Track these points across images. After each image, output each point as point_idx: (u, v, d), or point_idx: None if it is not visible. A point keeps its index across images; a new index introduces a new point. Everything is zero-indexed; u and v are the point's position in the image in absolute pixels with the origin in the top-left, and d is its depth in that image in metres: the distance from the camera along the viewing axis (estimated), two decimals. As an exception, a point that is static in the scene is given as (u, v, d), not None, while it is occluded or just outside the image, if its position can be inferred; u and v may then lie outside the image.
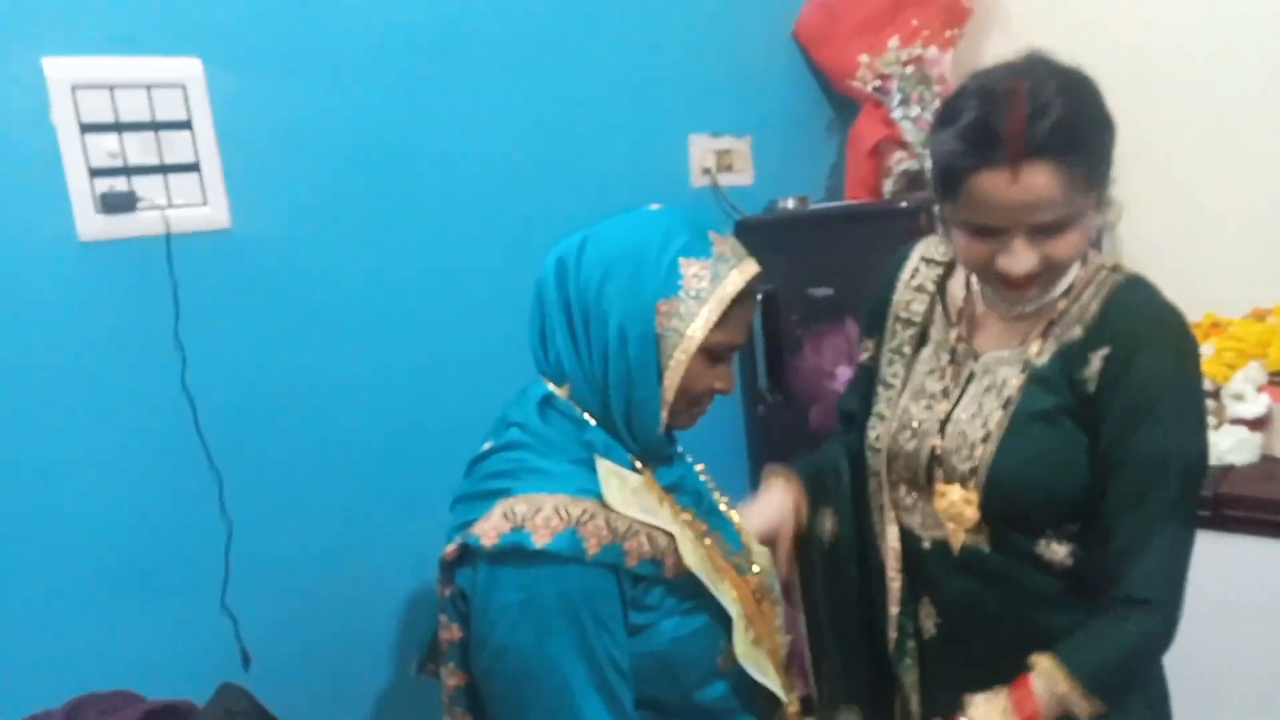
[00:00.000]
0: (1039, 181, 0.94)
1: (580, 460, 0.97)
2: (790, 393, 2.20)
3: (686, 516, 1.03)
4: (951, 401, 1.15)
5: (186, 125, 1.45)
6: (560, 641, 0.90)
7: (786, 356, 2.19)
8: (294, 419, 1.59)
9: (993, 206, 0.97)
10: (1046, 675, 0.98)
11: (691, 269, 0.97)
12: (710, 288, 0.97)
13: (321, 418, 1.62)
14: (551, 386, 1.02)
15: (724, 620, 0.99)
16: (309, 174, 1.59)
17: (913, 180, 2.17)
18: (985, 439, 1.10)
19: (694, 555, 0.96)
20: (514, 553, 0.90)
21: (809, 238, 2.16)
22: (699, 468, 1.17)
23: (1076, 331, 1.08)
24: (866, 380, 1.28)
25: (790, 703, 1.08)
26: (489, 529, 0.91)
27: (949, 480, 1.13)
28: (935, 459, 1.14)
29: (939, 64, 2.12)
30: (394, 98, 1.69)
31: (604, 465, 0.96)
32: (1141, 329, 1.04)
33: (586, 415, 1.01)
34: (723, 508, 1.14)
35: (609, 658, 0.92)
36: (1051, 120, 0.94)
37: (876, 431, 1.21)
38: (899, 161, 2.18)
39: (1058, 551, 1.08)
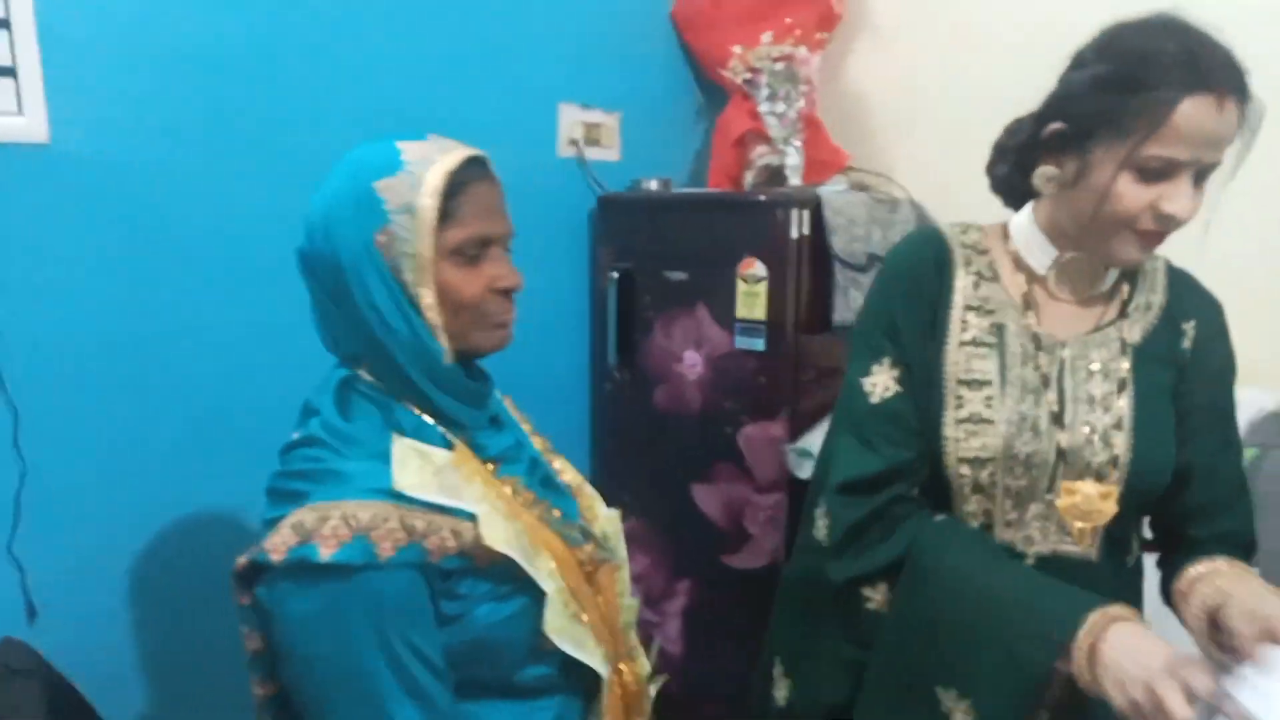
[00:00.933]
0: (1233, 116, 0.95)
1: (381, 454, 0.92)
2: (639, 372, 2.22)
3: (508, 489, 1.00)
4: (1057, 392, 1.08)
5: (3, 24, 1.30)
6: (361, 648, 0.88)
7: (637, 336, 2.21)
8: (108, 359, 1.47)
9: (1193, 135, 0.94)
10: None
11: (388, 187, 0.92)
12: (414, 196, 0.91)
13: (140, 360, 1.51)
14: (353, 368, 0.98)
15: (542, 601, 0.96)
16: (145, 87, 1.46)
17: (773, 174, 2.23)
18: (1118, 426, 1.07)
19: (504, 534, 0.93)
20: (302, 567, 0.86)
21: (669, 221, 2.18)
22: (537, 441, 1.13)
23: (1155, 307, 1.12)
24: (914, 399, 1.11)
25: (628, 672, 1.07)
26: (278, 543, 0.87)
27: (1079, 477, 1.07)
28: (1063, 455, 1.07)
29: (808, 64, 2.18)
30: (251, 13, 1.58)
31: (401, 446, 0.92)
32: (1208, 299, 1.15)
33: (391, 394, 0.97)
34: (566, 478, 1.12)
35: (418, 656, 0.89)
36: (1239, 64, 0.96)
37: (981, 439, 1.07)
38: (761, 155, 2.23)
39: (1134, 547, 1.14)
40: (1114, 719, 0.89)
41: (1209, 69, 0.93)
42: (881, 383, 1.12)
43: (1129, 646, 0.89)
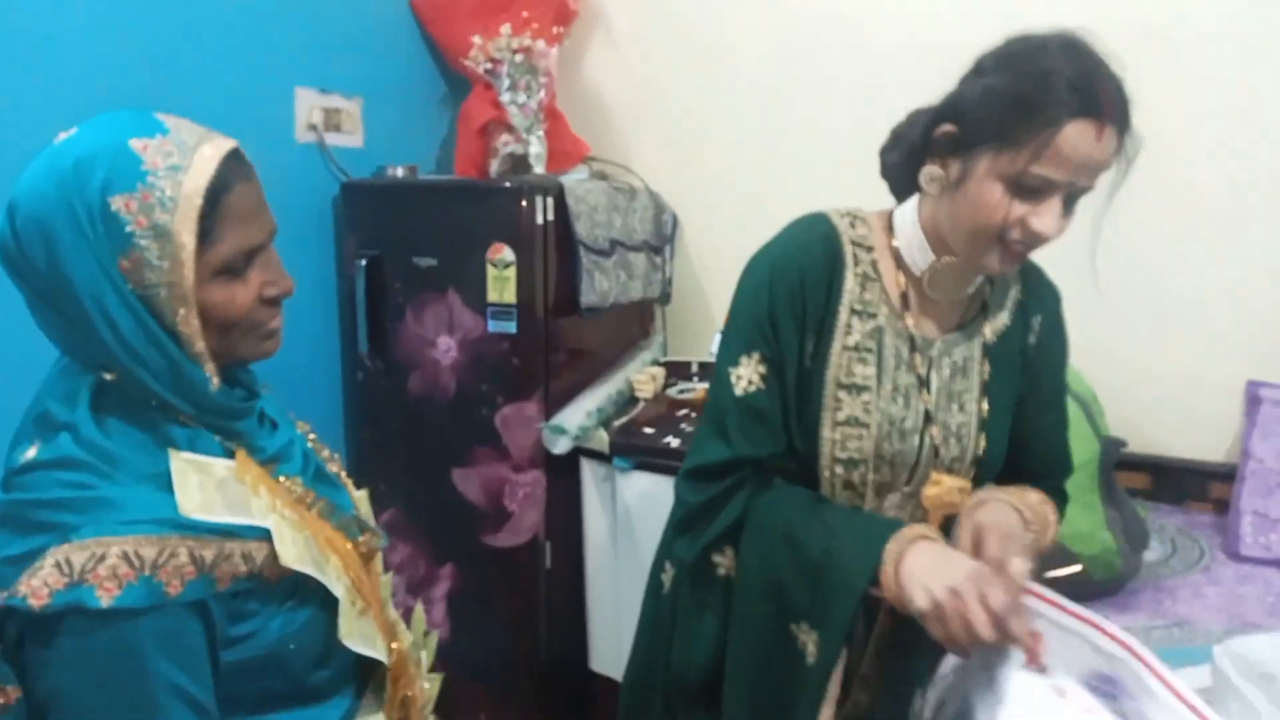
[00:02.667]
0: (1110, 146, 0.97)
1: (155, 475, 0.82)
2: (391, 360, 2.22)
3: (290, 486, 0.94)
4: (930, 393, 1.14)
5: None
6: (123, 690, 0.78)
7: (388, 324, 2.20)
8: None
9: (1070, 158, 0.96)
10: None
11: (130, 205, 0.77)
12: (166, 216, 0.78)
13: None
14: (96, 373, 0.84)
15: (331, 604, 0.91)
16: None
17: (518, 163, 2.30)
18: (980, 425, 1.15)
19: (294, 548, 0.86)
20: (74, 613, 0.75)
21: (416, 208, 2.18)
22: (304, 427, 1.07)
23: (1009, 305, 1.19)
24: (781, 396, 1.13)
25: (397, 650, 1.04)
26: (39, 586, 0.75)
27: (944, 470, 1.14)
28: (934, 453, 1.14)
29: (546, 56, 2.26)
30: None
31: (179, 463, 0.83)
32: (1052, 291, 1.23)
33: (153, 403, 0.84)
34: (332, 468, 1.06)
35: (182, 694, 0.80)
36: (1127, 96, 0.98)
37: (859, 442, 1.11)
38: (505, 144, 2.29)
39: None
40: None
41: (1097, 97, 0.95)
42: (747, 375, 1.12)
43: (932, 557, 0.98)
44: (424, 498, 2.24)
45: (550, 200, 2.07)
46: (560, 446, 2.08)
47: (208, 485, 0.84)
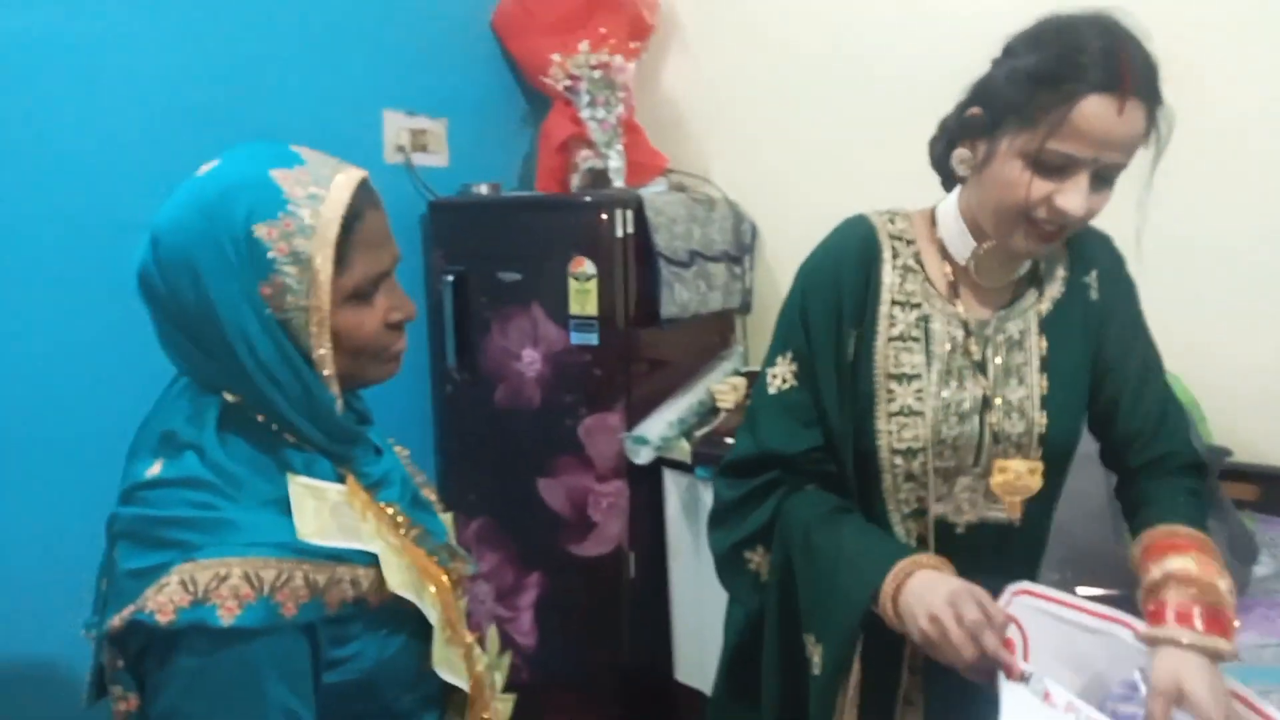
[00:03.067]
0: (1136, 119, 0.95)
1: (274, 500, 0.85)
2: (478, 372, 2.27)
3: (391, 512, 0.96)
4: (986, 375, 1.12)
5: None
6: (238, 711, 0.81)
7: (475, 337, 2.26)
8: None
9: (1091, 133, 0.94)
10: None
11: (272, 232, 0.81)
12: (305, 242, 0.82)
13: None
14: (226, 396, 0.87)
15: (425, 631, 0.93)
16: None
17: (597, 177, 2.33)
18: (1034, 399, 1.11)
19: (398, 574, 0.88)
20: (197, 631, 0.78)
21: (501, 224, 2.24)
22: (403, 452, 1.09)
23: (1060, 272, 1.15)
24: (814, 392, 1.14)
25: (474, 679, 1.05)
26: (165, 603, 0.77)
27: (1005, 454, 1.11)
28: (994, 434, 1.11)
29: (624, 72, 2.29)
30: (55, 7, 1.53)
31: (296, 487, 0.85)
32: (1099, 238, 1.18)
33: (274, 426, 0.87)
34: (427, 494, 1.08)
35: (291, 716, 0.83)
36: (1155, 70, 0.97)
37: (913, 430, 1.11)
38: (585, 159, 2.32)
39: (1051, 507, 1.18)
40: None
41: (1118, 70, 0.93)
42: (781, 374, 1.15)
43: (925, 585, 0.97)
44: (511, 507, 2.28)
45: (629, 213, 2.10)
46: (642, 457, 2.10)
47: (322, 510, 0.86)
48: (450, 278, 2.24)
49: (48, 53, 1.55)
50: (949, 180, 1.17)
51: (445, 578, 1.01)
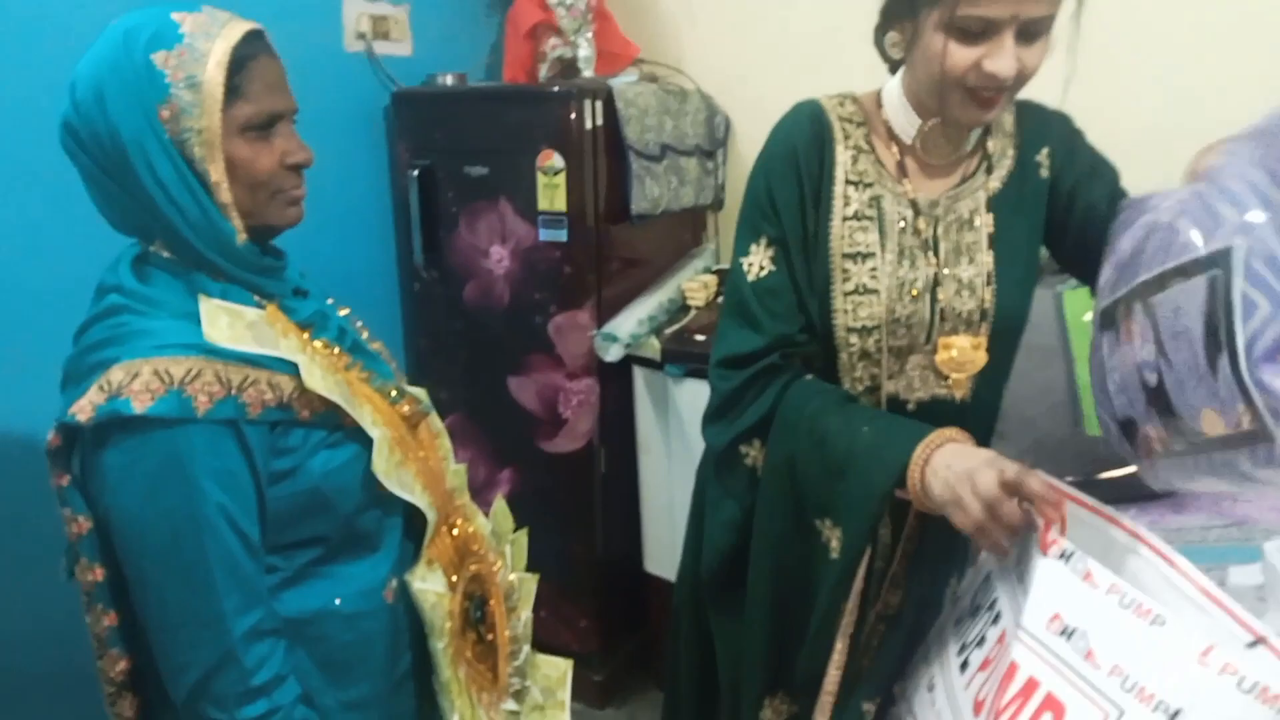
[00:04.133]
0: None
1: (187, 313, 0.91)
2: (446, 269, 2.24)
3: (322, 347, 1.01)
4: (935, 254, 1.14)
5: None
6: (170, 503, 0.87)
7: (442, 233, 2.22)
8: None
9: None
10: None
11: (169, 60, 0.89)
12: (198, 68, 0.89)
13: None
14: (147, 246, 0.96)
15: (370, 446, 0.98)
16: None
17: (566, 67, 2.26)
18: (983, 277, 1.13)
19: (323, 381, 0.94)
20: (114, 423, 0.85)
21: (467, 116, 2.17)
22: (343, 311, 1.13)
23: (1010, 150, 1.16)
24: (791, 273, 1.15)
25: (460, 528, 1.12)
26: (85, 404, 0.85)
27: (954, 331, 1.14)
28: (945, 307, 1.13)
29: (594, -45, 2.20)
30: None
31: (208, 304, 0.91)
32: (1055, 118, 1.19)
33: (189, 264, 0.94)
34: (374, 347, 1.13)
35: (225, 514, 0.89)
36: None
37: (869, 308, 1.13)
38: (553, 47, 2.25)
39: (1001, 386, 1.20)
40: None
41: None
42: (758, 261, 1.16)
43: (956, 455, 0.98)
44: (482, 404, 2.29)
45: (599, 104, 2.04)
46: (612, 354, 2.10)
47: (237, 324, 0.92)
48: (415, 172, 2.18)
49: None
50: (894, 66, 1.18)
51: (392, 410, 1.06)
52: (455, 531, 1.10)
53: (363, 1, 2.19)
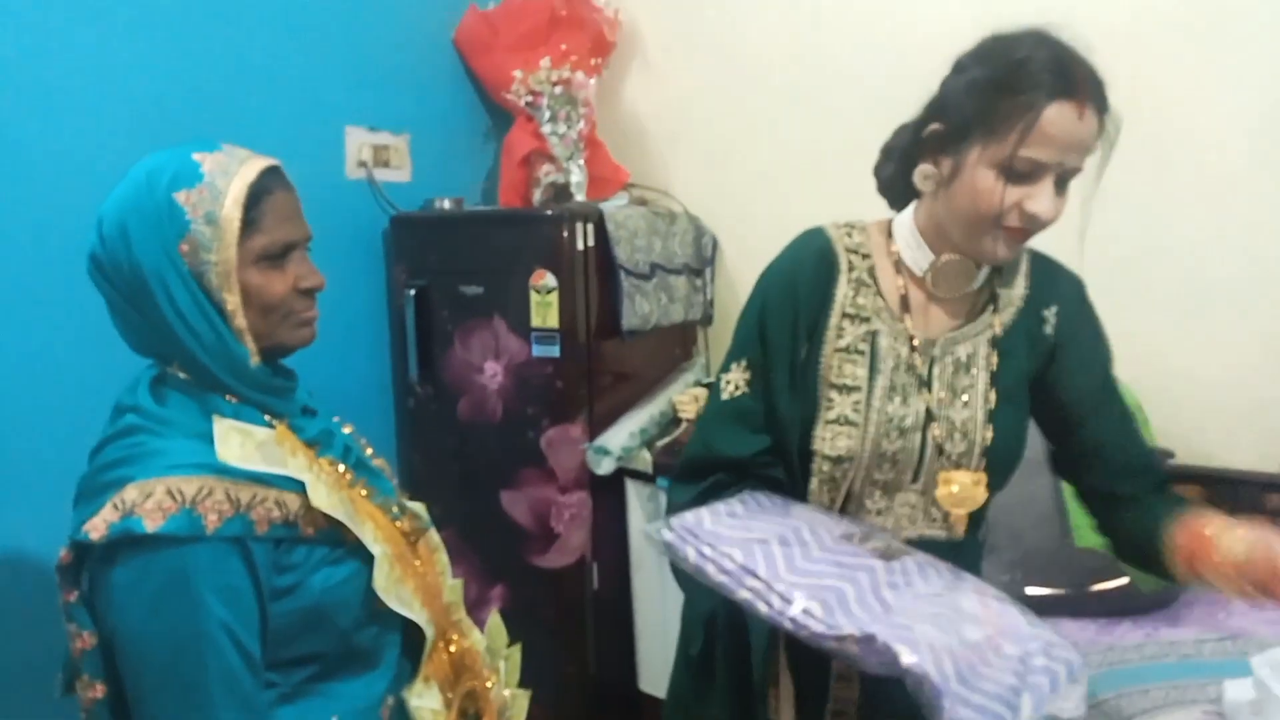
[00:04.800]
0: (1092, 123, 1.01)
1: (201, 434, 0.94)
2: (441, 385, 2.28)
3: (328, 465, 1.05)
4: (930, 391, 1.15)
5: None
6: (189, 628, 0.88)
7: (437, 351, 2.27)
8: None
9: (1057, 139, 1.00)
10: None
11: (189, 199, 0.95)
12: (216, 207, 0.95)
13: None
14: (165, 367, 1.00)
15: (371, 562, 1.01)
16: None
17: (559, 191, 2.36)
18: (981, 416, 1.14)
19: (328, 499, 0.97)
20: (125, 542, 0.87)
21: (463, 238, 2.25)
22: (347, 429, 1.16)
23: (1018, 298, 1.18)
24: (766, 397, 1.18)
25: (457, 643, 1.13)
26: (99, 522, 0.88)
27: (955, 467, 1.14)
28: (937, 450, 1.14)
29: (585, 87, 2.33)
30: (19, 21, 1.54)
31: (222, 425, 0.95)
32: (1069, 280, 1.21)
33: (205, 385, 0.99)
34: (376, 463, 1.16)
35: (227, 631, 0.90)
36: (1101, 77, 1.03)
37: (848, 440, 1.14)
38: (547, 173, 2.35)
39: (984, 522, 1.21)
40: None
41: (1073, 78, 0.99)
42: (735, 381, 1.19)
43: None
44: (475, 519, 2.29)
45: (590, 226, 2.12)
46: (604, 467, 2.12)
47: (248, 444, 0.96)
48: (412, 291, 2.25)
49: (18, 73, 1.55)
50: (897, 200, 1.21)
51: (393, 526, 1.09)
52: (452, 648, 1.11)
53: (365, 132, 2.30)
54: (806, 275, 1.17)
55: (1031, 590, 1.66)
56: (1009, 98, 1.01)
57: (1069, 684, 0.89)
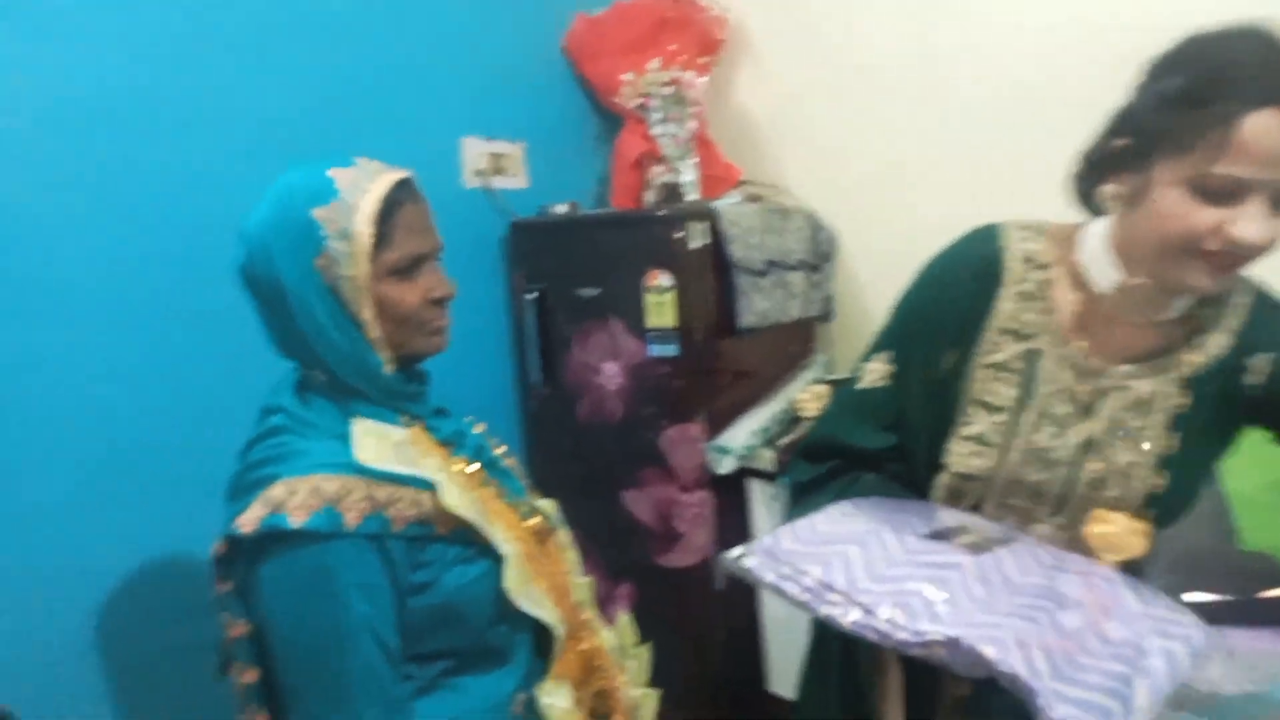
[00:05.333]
0: None
1: (341, 435, 1.00)
2: (561, 388, 2.32)
3: (462, 465, 1.09)
4: (1091, 423, 1.05)
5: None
6: (317, 614, 0.93)
7: (557, 353, 2.31)
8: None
9: (1259, 153, 0.87)
10: None
11: (325, 214, 0.99)
12: (349, 223, 0.99)
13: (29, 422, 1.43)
14: (307, 371, 1.06)
15: (502, 562, 1.04)
16: (33, 130, 1.45)
17: (672, 192, 2.36)
18: (1161, 464, 1.04)
19: (459, 499, 1.01)
20: (273, 536, 0.93)
21: (578, 241, 2.28)
22: (479, 429, 1.20)
23: (1224, 338, 1.04)
24: (902, 398, 1.12)
25: (586, 642, 1.16)
26: (249, 518, 0.93)
27: (1113, 508, 1.04)
28: (1090, 486, 1.05)
29: (694, 87, 2.32)
30: (141, 57, 1.62)
31: (360, 426, 1.00)
32: None
33: (344, 390, 1.04)
34: (507, 463, 1.20)
35: (368, 625, 0.94)
36: None
37: (982, 460, 1.07)
38: (659, 174, 2.36)
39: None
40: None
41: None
42: (875, 371, 1.15)
43: None
44: (598, 519, 2.31)
45: (704, 226, 2.12)
46: (725, 466, 2.10)
47: (384, 445, 1.01)
48: (531, 296, 2.29)
49: (154, 100, 1.66)
50: (1094, 212, 1.10)
51: (524, 525, 1.12)
52: (582, 646, 1.13)
53: (481, 141, 2.36)
54: (964, 283, 1.09)
55: (1190, 597, 1.56)
56: (1202, 108, 0.89)
57: (1191, 659, 0.82)
